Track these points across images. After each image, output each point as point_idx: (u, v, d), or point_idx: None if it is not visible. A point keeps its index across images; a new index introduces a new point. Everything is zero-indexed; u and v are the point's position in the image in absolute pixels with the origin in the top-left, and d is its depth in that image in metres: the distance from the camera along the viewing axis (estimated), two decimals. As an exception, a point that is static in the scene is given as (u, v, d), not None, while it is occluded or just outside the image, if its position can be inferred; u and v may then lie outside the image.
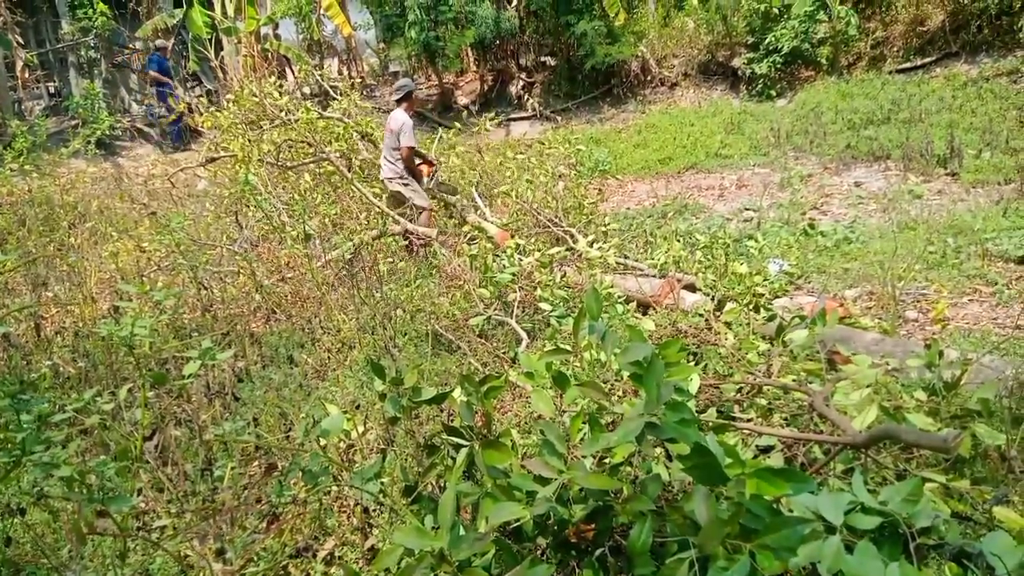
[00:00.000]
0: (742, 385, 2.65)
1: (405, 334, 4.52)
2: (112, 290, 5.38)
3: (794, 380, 2.63)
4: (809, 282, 5.62)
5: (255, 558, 1.89)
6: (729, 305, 3.51)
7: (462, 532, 1.56)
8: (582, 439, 1.87)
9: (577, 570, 1.72)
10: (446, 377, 3.72)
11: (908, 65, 11.91)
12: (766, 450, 2.38)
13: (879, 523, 1.56)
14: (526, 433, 2.84)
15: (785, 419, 2.51)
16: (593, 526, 1.80)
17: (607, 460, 2.05)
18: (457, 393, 2.11)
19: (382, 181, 6.90)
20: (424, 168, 7.05)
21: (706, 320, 3.45)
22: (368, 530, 2.08)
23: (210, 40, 14.28)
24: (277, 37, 15.87)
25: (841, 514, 1.54)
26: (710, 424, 1.86)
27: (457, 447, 1.85)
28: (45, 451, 1.84)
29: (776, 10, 12.71)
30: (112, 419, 2.43)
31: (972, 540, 1.60)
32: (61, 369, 3.64)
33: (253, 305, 4.87)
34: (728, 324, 3.21)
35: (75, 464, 1.85)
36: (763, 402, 2.55)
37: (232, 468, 2.16)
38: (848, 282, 5.28)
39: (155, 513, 2.34)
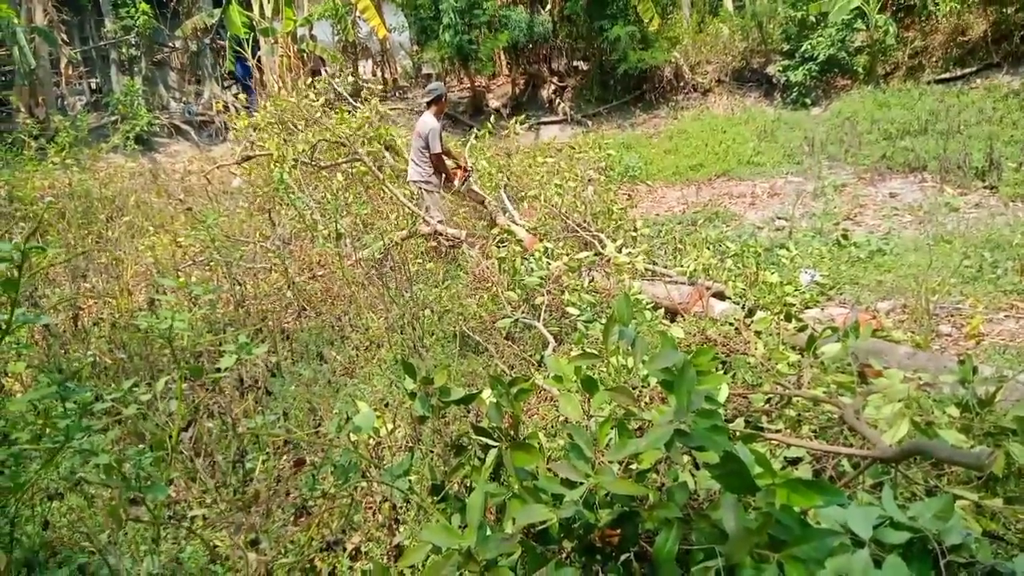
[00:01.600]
0: (771, 395, 2.63)
1: (433, 334, 4.55)
2: (148, 283, 5.50)
3: (824, 392, 2.60)
4: (841, 293, 5.55)
5: (284, 551, 1.93)
6: (759, 314, 3.48)
7: (489, 532, 1.58)
8: (609, 444, 1.88)
9: (602, 575, 1.72)
10: (473, 378, 3.74)
11: (947, 76, 11.70)
12: (794, 462, 2.36)
13: (908, 539, 1.54)
14: (552, 437, 2.86)
15: (814, 431, 2.49)
16: (619, 531, 1.81)
17: (633, 466, 2.06)
18: (486, 394, 2.13)
19: (408, 183, 6.96)
20: (458, 173, 7.08)
21: (736, 329, 3.43)
22: (395, 527, 2.11)
23: (247, 40, 14.53)
24: (313, 38, 16.08)
25: (870, 528, 1.53)
26: (739, 433, 1.85)
27: (485, 448, 1.87)
28: (85, 439, 1.89)
29: (813, 18, 12.58)
30: (148, 410, 2.49)
31: (1004, 560, 1.57)
32: (98, 360, 3.74)
33: (285, 302, 4.95)
34: (758, 333, 3.18)
35: (113, 452, 1.90)
36: (792, 413, 2.53)
37: (263, 461, 2.20)
38: (881, 294, 5.21)
39: (187, 503, 2.39)
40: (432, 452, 2.28)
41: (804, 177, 9.60)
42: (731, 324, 3.49)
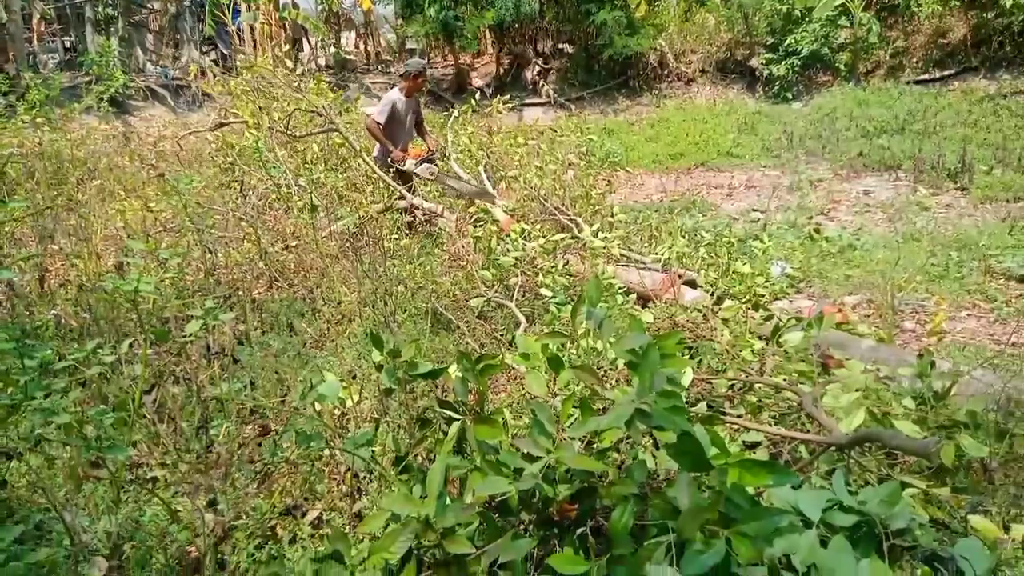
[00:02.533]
0: (734, 381, 2.68)
1: (405, 310, 4.55)
2: (117, 247, 5.40)
3: (785, 380, 2.66)
4: (810, 286, 5.64)
5: (244, 514, 1.94)
6: (727, 303, 3.53)
7: (448, 503, 1.60)
8: (572, 423, 1.90)
9: (558, 547, 1.75)
10: (443, 355, 3.75)
11: (927, 77, 11.86)
12: (752, 446, 2.41)
13: (856, 522, 1.59)
14: (518, 415, 2.88)
15: (774, 417, 2.54)
16: (576, 506, 1.84)
17: (595, 444, 2.09)
18: (453, 369, 2.14)
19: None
20: (412, 151, 6.92)
21: (703, 316, 3.48)
22: (357, 496, 2.12)
23: (229, 5, 14.22)
24: (295, 6, 15.80)
25: (819, 510, 1.57)
26: (698, 415, 1.89)
27: (449, 421, 1.88)
28: (45, 398, 1.87)
29: (798, 12, 12.64)
30: (112, 372, 2.47)
31: (947, 545, 1.63)
32: (63, 321, 3.68)
33: (256, 272, 4.90)
34: (725, 321, 3.23)
35: (74, 412, 1.89)
36: (753, 399, 2.58)
37: (227, 428, 2.20)
38: (848, 289, 5.30)
39: (148, 466, 2.38)
40: (398, 425, 2.29)
41: (781, 171, 9.70)
42: (699, 311, 3.54)
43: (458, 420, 1.81)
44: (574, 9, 14.29)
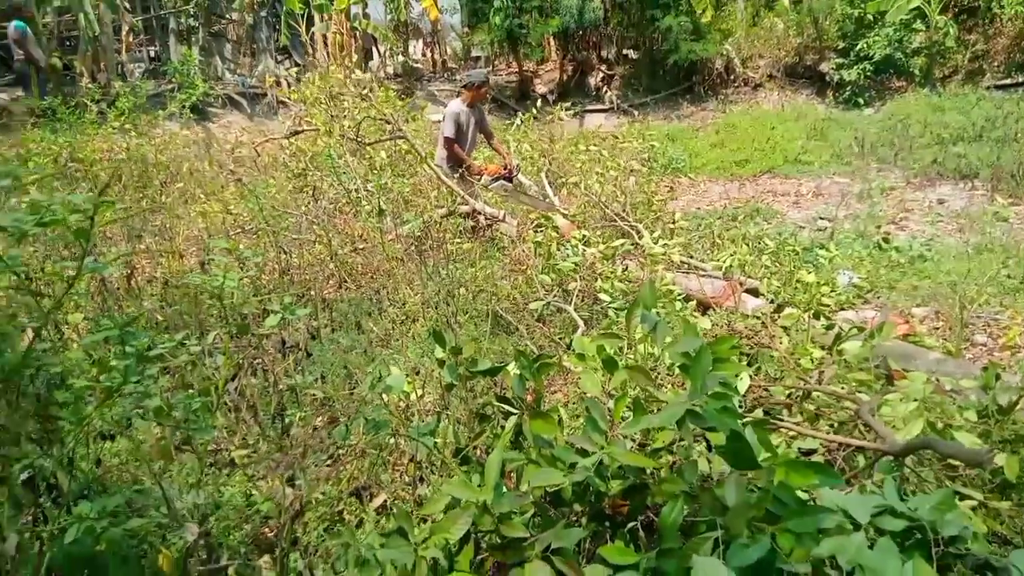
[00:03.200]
0: (791, 389, 2.69)
1: (467, 312, 4.68)
2: (198, 247, 5.72)
3: (844, 389, 2.65)
4: (878, 297, 5.51)
5: (315, 500, 2.07)
6: (788, 311, 3.52)
7: (504, 492, 1.69)
8: (626, 422, 1.97)
9: (610, 541, 1.82)
10: (503, 355, 3.86)
11: (1008, 81, 11.37)
12: (808, 453, 2.42)
13: (905, 527, 1.61)
14: (574, 416, 2.96)
15: (831, 426, 2.54)
16: (628, 502, 1.91)
17: (648, 445, 2.15)
18: (511, 367, 2.24)
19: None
20: (490, 168, 7.07)
21: (763, 323, 3.48)
22: (419, 484, 2.24)
23: (302, 15, 14.77)
24: (366, 16, 16.27)
25: (868, 513, 1.60)
26: (749, 418, 1.93)
27: (507, 416, 1.97)
28: (140, 383, 2.05)
29: (870, 16, 12.30)
30: (197, 362, 2.66)
31: (1001, 556, 1.63)
32: (150, 316, 3.95)
33: (327, 272, 5.12)
34: (784, 329, 3.23)
35: (163, 397, 2.07)
36: (811, 408, 2.58)
37: (301, 416, 2.35)
38: (917, 300, 5.17)
39: (228, 450, 2.56)
40: (458, 419, 2.40)
41: (851, 178, 9.46)
42: (758, 319, 3.54)
43: (515, 415, 1.90)
44: (639, 15, 14.27)
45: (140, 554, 2.23)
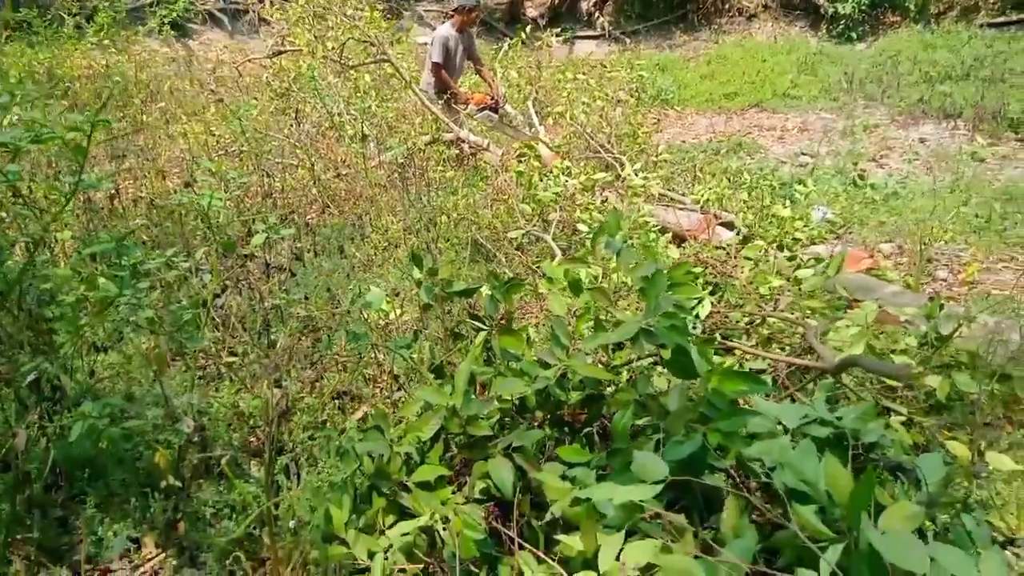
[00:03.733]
0: (748, 316, 2.86)
1: (448, 240, 4.79)
2: (181, 168, 5.75)
3: (799, 316, 2.83)
4: (850, 232, 5.68)
5: (299, 408, 2.24)
6: (756, 242, 3.68)
7: (473, 398, 1.86)
8: (586, 338, 2.13)
9: (568, 443, 2.01)
10: (481, 281, 4.00)
11: (1002, 20, 11.27)
12: (758, 373, 2.61)
13: (830, 434, 1.81)
14: (546, 339, 3.13)
15: (782, 349, 2.73)
16: (586, 411, 2.09)
17: (608, 361, 2.32)
18: (484, 289, 2.38)
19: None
20: (476, 97, 7.01)
21: (728, 255, 3.63)
22: (397, 393, 2.41)
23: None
24: (352, -70, 15.66)
25: (796, 421, 1.79)
26: (696, 336, 2.10)
27: (479, 332, 2.13)
28: (132, 296, 2.18)
29: (870, -54, 12.04)
30: (184, 279, 2.78)
31: (911, 459, 1.83)
32: (136, 234, 4.04)
33: (310, 197, 5.19)
34: (748, 259, 3.39)
35: (155, 309, 2.20)
36: (765, 332, 2.76)
37: (286, 331, 2.49)
38: (885, 235, 5.34)
39: (216, 366, 2.71)
40: (436, 337, 2.56)
41: (837, 115, 9.49)
42: (724, 249, 3.69)
43: (485, 332, 2.05)
44: (634, -62, 13.86)
45: (136, 455, 2.40)
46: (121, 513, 2.28)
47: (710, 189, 5.58)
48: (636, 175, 5.46)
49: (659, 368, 2.48)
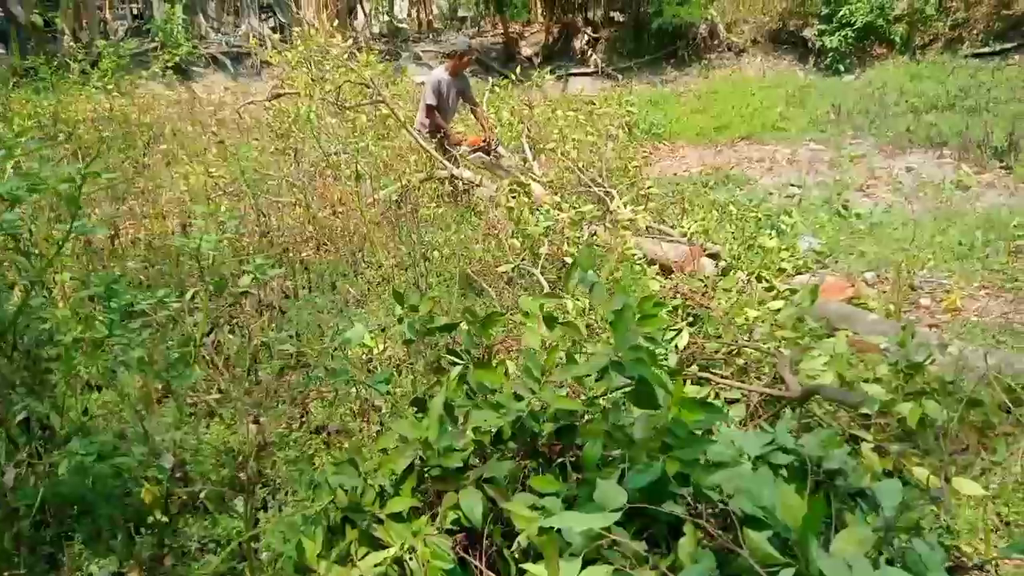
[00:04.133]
0: (723, 346, 2.93)
1: (440, 274, 4.89)
2: (181, 209, 5.88)
3: (774, 346, 2.90)
4: (836, 261, 5.76)
5: (280, 435, 2.30)
6: (734, 274, 3.77)
7: (447, 430, 1.93)
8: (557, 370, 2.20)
9: (542, 473, 2.07)
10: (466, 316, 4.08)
11: (987, 50, 11.51)
12: (733, 402, 2.68)
13: (791, 461, 1.87)
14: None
15: (758, 378, 2.79)
16: (560, 442, 2.16)
17: (582, 393, 2.39)
18: (464, 325, 2.46)
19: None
20: (469, 139, 7.17)
21: (706, 286, 3.72)
22: (379, 429, 2.47)
23: (286, -27, 14.61)
24: (350, -26, 16.10)
25: (758, 448, 1.85)
26: (670, 369, 2.17)
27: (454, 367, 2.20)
28: (123, 336, 2.26)
29: (854, -18, 12.34)
30: (176, 318, 2.86)
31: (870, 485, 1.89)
32: (133, 276, 4.14)
33: (306, 235, 5.30)
34: (726, 290, 3.47)
35: (146, 349, 2.28)
36: (740, 362, 2.83)
37: (271, 367, 2.57)
38: (872, 264, 5.42)
39: (206, 402, 2.78)
40: (417, 372, 2.63)
41: (826, 146, 9.64)
42: (702, 281, 3.78)
43: (461, 366, 2.13)
44: (625, -23, 14.24)
45: (124, 492, 2.47)
46: (108, 549, 2.34)
47: (696, 221, 5.69)
48: (624, 208, 5.58)
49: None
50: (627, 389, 2.36)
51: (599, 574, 1.40)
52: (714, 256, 5.19)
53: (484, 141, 7.18)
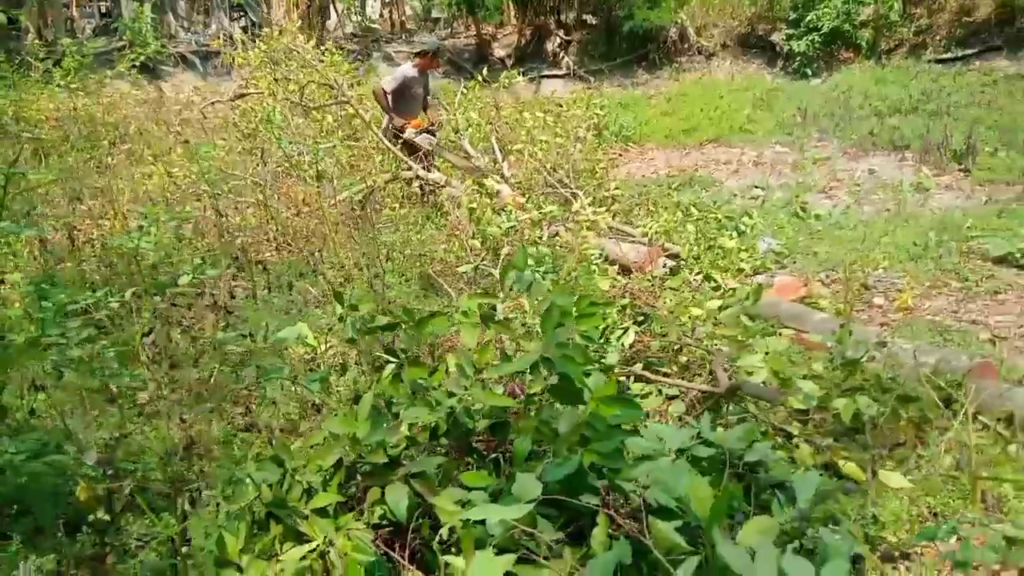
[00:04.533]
0: (669, 344, 2.99)
1: (402, 275, 4.91)
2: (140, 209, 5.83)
3: (716, 344, 2.96)
4: (795, 262, 5.86)
5: (203, 432, 2.31)
6: (678, 275, 3.83)
7: (378, 426, 1.95)
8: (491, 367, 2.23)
9: (477, 469, 2.10)
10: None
11: (949, 56, 11.73)
12: (673, 398, 2.73)
13: (713, 454, 1.92)
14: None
15: (699, 375, 2.85)
16: (494, 439, 2.19)
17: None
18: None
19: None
20: (413, 121, 7.21)
21: (653, 285, 3.78)
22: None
23: (257, -28, 14.50)
24: (323, -26, 16.02)
25: (680, 442, 1.90)
26: (600, 366, 2.21)
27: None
28: (62, 336, 2.26)
29: (821, -13, 12.52)
30: (120, 318, 2.86)
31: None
32: (88, 274, 4.11)
33: (267, 235, 5.29)
34: (672, 289, 3.53)
35: (85, 348, 2.27)
36: (683, 360, 2.89)
37: (211, 365, 2.58)
38: (828, 265, 5.52)
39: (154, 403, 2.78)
40: (361, 371, 2.65)
41: (791, 148, 9.79)
42: (649, 281, 3.84)
43: (394, 363, 2.15)
44: (597, -20, 14.32)
45: (68, 491, 2.46)
46: (48, 547, 2.32)
47: (657, 223, 5.76)
48: (587, 209, 5.63)
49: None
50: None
51: (504, 563, 1.43)
52: (674, 256, 5.26)
53: (429, 123, 7.26)
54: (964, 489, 2.53)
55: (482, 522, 1.67)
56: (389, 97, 6.83)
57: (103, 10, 16.21)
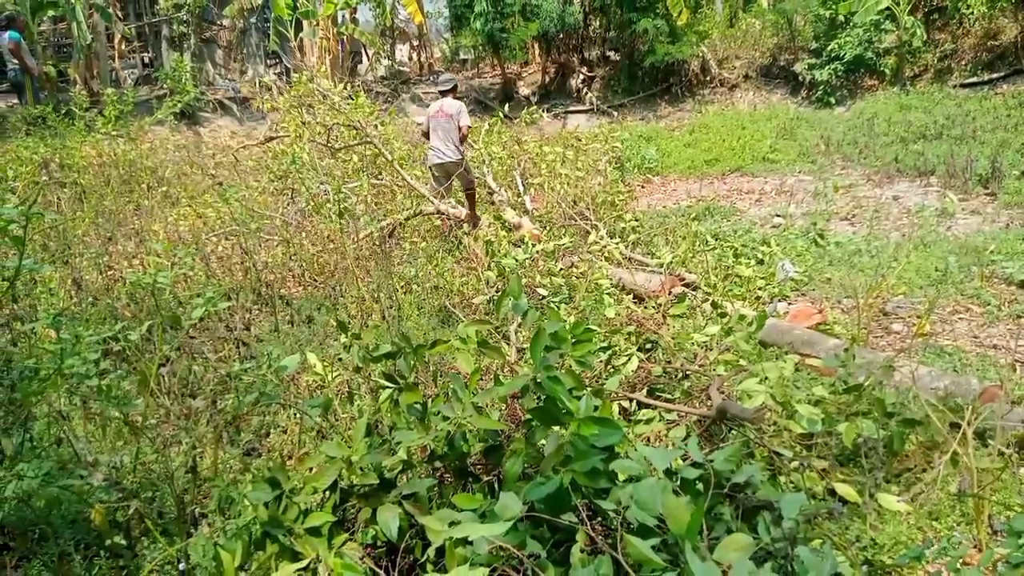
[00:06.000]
0: (672, 370, 3.01)
1: (420, 307, 5.02)
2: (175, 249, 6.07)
3: (722, 369, 2.98)
4: (813, 289, 5.83)
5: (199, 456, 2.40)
6: (684, 302, 3.85)
7: (375, 450, 2.02)
8: (482, 391, 2.29)
9: (471, 490, 2.15)
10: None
11: (974, 80, 11.65)
12: (675, 423, 2.75)
13: (700, 474, 1.94)
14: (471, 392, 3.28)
15: (699, 399, 2.87)
16: (488, 462, 2.24)
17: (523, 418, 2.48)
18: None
19: (438, 166, 7.05)
20: None
21: (660, 313, 3.81)
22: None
23: (291, 21, 15.11)
24: (354, 21, 16.60)
25: (665, 463, 1.93)
26: (592, 389, 2.25)
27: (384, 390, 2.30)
28: (81, 365, 2.38)
29: (842, 17, 12.59)
30: (139, 349, 2.99)
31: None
32: (119, 310, 4.29)
33: (290, 271, 5.46)
34: (677, 317, 3.56)
35: (101, 377, 2.40)
36: (686, 385, 2.91)
37: (214, 394, 2.69)
38: (844, 291, 5.48)
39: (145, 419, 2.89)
40: (368, 397, 2.73)
41: (815, 176, 9.76)
42: (655, 308, 3.87)
43: (391, 389, 2.23)
44: (619, 17, 14.58)
45: (86, 516, 2.57)
46: (68, 572, 2.43)
47: (673, 252, 5.80)
48: (602, 240, 5.70)
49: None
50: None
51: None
52: (690, 285, 5.28)
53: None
54: (971, 513, 2.50)
55: (471, 541, 1.72)
56: (462, 131, 6.89)
57: (145, 60, 16.98)
